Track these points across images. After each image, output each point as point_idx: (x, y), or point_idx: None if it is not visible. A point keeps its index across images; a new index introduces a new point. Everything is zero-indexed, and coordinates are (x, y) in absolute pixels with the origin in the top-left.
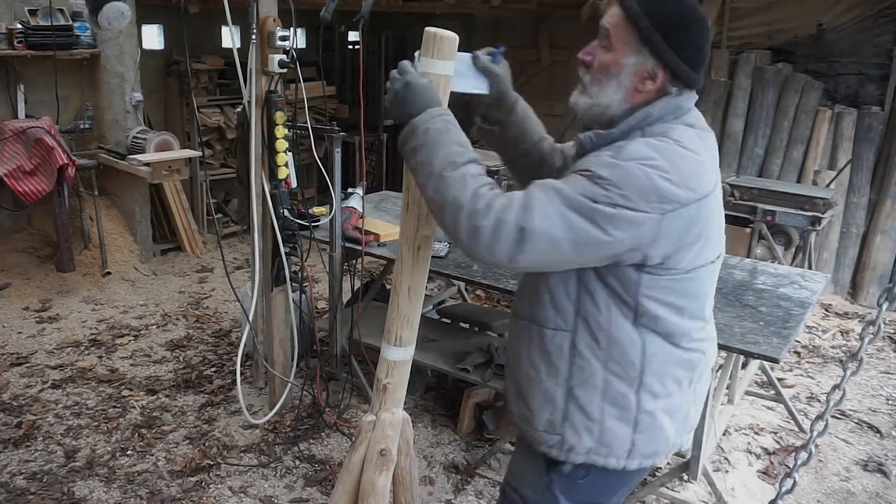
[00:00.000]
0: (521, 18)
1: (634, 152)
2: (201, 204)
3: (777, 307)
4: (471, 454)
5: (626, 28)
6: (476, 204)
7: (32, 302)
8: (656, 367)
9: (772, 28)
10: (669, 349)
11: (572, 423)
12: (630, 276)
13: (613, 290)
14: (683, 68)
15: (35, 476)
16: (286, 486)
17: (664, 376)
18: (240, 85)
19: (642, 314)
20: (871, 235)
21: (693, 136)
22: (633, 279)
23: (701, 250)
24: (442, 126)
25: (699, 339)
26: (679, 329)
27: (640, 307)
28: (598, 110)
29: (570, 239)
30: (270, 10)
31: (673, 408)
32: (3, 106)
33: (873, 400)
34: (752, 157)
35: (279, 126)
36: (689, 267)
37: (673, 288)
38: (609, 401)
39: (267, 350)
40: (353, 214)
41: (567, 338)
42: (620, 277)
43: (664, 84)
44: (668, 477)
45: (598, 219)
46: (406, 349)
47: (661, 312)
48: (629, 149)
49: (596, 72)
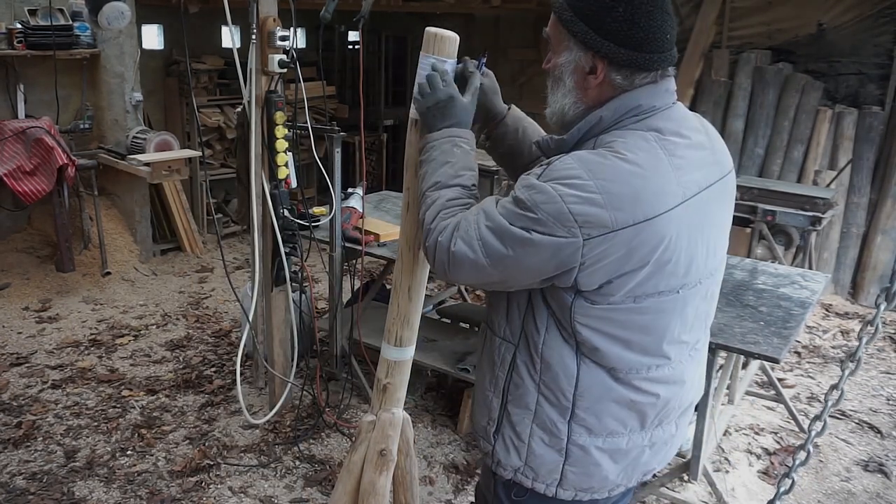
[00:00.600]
0: (521, 18)
1: (559, 170)
2: (201, 204)
3: (777, 307)
4: (471, 454)
5: (556, 26)
6: (430, 223)
7: (32, 302)
8: (591, 401)
9: (772, 28)
10: (610, 384)
11: (503, 437)
12: (565, 300)
13: (553, 313)
14: (621, 51)
15: (35, 476)
16: (286, 486)
17: (602, 413)
18: (240, 85)
19: (581, 342)
20: (872, 235)
21: (648, 146)
22: (567, 304)
23: (650, 278)
24: (448, 148)
25: (653, 380)
26: (626, 364)
27: (577, 334)
28: (557, 117)
29: (489, 261)
30: (270, 10)
31: (615, 449)
32: (3, 106)
33: (874, 400)
34: (753, 157)
35: (279, 126)
36: (634, 296)
37: (612, 319)
38: (539, 424)
39: (267, 350)
40: (353, 214)
41: (511, 350)
42: (558, 300)
43: (606, 75)
44: (668, 477)
45: (510, 241)
46: (406, 349)
47: (599, 343)
48: (556, 165)
49: (549, 78)
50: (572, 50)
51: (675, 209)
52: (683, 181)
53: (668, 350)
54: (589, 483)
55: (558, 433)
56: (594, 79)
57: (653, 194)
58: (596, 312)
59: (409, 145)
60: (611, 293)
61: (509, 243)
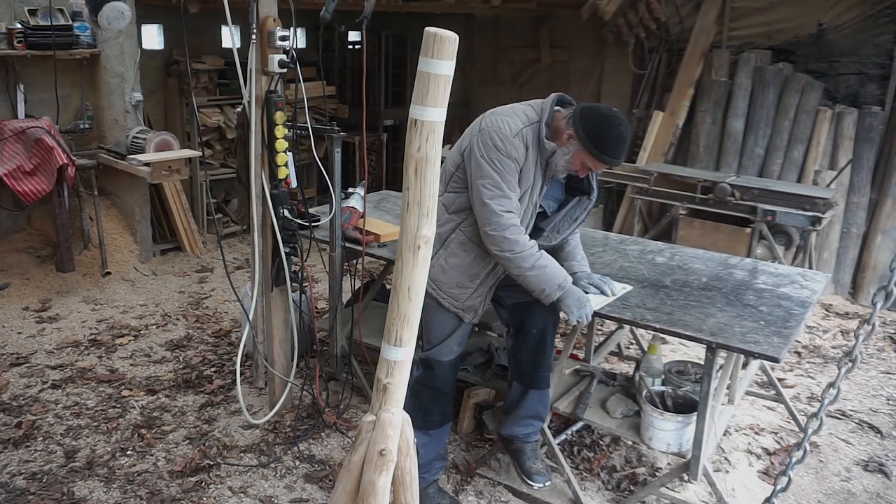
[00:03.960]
0: (521, 18)
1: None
2: (201, 204)
3: (777, 307)
4: (471, 454)
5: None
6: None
7: (32, 302)
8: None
9: (772, 28)
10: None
11: None
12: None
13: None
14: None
15: (35, 476)
16: (286, 486)
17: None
18: (240, 85)
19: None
20: (872, 235)
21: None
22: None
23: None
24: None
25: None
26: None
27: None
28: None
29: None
30: (270, 10)
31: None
32: (3, 106)
33: (874, 400)
34: (753, 157)
35: (279, 126)
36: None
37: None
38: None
39: (267, 350)
40: (353, 214)
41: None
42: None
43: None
44: (668, 477)
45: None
46: (406, 349)
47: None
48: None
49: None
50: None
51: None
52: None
53: None
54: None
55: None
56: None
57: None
58: None
59: (409, 145)
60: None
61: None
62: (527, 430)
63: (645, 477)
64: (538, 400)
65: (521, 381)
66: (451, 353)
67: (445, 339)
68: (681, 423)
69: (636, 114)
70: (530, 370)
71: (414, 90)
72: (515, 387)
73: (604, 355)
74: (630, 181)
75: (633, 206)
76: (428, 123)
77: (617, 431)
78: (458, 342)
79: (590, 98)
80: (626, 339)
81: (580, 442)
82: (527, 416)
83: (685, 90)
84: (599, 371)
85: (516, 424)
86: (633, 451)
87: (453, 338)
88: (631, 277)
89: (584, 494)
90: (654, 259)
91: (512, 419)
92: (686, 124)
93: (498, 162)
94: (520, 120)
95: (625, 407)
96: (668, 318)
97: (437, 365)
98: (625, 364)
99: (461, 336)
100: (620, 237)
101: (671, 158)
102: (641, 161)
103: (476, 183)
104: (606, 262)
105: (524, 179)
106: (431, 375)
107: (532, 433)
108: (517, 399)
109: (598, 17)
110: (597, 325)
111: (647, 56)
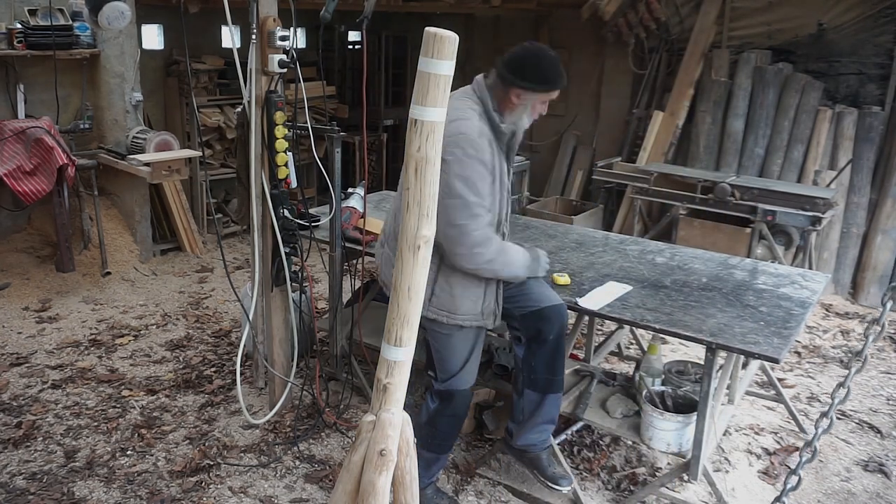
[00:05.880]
0: (521, 18)
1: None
2: (201, 204)
3: (777, 307)
4: (471, 454)
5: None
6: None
7: (32, 302)
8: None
9: (772, 28)
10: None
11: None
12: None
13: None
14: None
15: (35, 476)
16: (286, 486)
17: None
18: (240, 85)
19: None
20: (872, 235)
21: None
22: None
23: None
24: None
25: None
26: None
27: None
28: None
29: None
30: (270, 10)
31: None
32: (3, 106)
33: (874, 400)
34: (753, 157)
35: (279, 126)
36: None
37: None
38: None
39: (267, 350)
40: (353, 214)
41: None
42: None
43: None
44: (668, 477)
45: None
46: (406, 349)
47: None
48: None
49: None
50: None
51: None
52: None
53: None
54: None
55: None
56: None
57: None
58: None
59: (408, 145)
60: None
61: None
62: (542, 435)
63: (645, 477)
64: (553, 403)
65: (535, 389)
66: (471, 377)
67: (465, 364)
68: (681, 423)
69: (636, 114)
70: (548, 376)
71: (414, 90)
72: (529, 395)
73: (604, 355)
74: (630, 181)
75: (633, 206)
76: (428, 123)
77: (617, 431)
78: (476, 360)
79: (590, 98)
80: (626, 339)
81: (580, 442)
82: (543, 421)
83: (685, 90)
84: (599, 371)
85: (532, 431)
86: (633, 451)
87: (473, 358)
88: (631, 277)
89: (584, 494)
90: (654, 259)
91: (528, 427)
92: (686, 124)
93: (469, 170)
94: (476, 116)
95: (625, 407)
96: (668, 318)
97: (457, 394)
98: (625, 364)
99: (479, 352)
100: (620, 237)
101: (671, 158)
102: (641, 161)
103: (444, 203)
104: (606, 262)
105: (493, 172)
106: (451, 405)
107: (546, 438)
108: (533, 407)
109: (598, 17)
110: (597, 325)
111: (647, 56)
